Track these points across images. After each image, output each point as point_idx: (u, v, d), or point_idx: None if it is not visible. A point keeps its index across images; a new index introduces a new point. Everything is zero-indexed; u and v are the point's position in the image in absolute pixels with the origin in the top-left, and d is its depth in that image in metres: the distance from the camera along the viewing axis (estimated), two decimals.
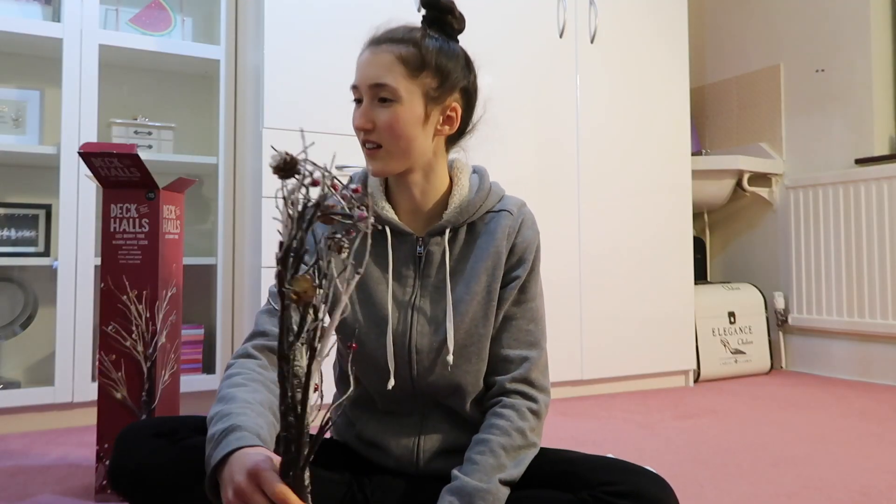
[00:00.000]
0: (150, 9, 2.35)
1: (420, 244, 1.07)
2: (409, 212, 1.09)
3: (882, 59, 2.91)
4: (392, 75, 1.00)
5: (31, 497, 1.45)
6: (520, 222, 1.10)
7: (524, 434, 1.01)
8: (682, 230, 2.78)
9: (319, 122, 2.11)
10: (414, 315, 1.05)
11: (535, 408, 1.04)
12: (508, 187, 2.41)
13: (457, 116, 1.07)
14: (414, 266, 1.07)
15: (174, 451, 0.98)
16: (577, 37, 2.60)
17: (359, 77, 1.02)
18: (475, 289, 1.05)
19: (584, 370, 2.54)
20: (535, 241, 1.10)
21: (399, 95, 1.00)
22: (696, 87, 3.56)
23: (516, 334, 1.06)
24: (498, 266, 1.06)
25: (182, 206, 1.64)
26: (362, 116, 1.00)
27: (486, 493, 0.92)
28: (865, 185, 2.81)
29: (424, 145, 1.04)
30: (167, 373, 1.54)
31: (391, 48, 1.01)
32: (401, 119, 1.00)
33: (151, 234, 1.52)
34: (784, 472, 1.61)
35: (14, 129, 2.22)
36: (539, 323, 1.09)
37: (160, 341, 1.52)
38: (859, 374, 2.87)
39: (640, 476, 0.95)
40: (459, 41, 1.10)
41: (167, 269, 1.56)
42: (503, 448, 0.98)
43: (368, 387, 1.07)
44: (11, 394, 2.01)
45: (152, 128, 2.30)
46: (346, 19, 2.18)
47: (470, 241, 1.08)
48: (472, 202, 1.08)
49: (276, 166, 0.66)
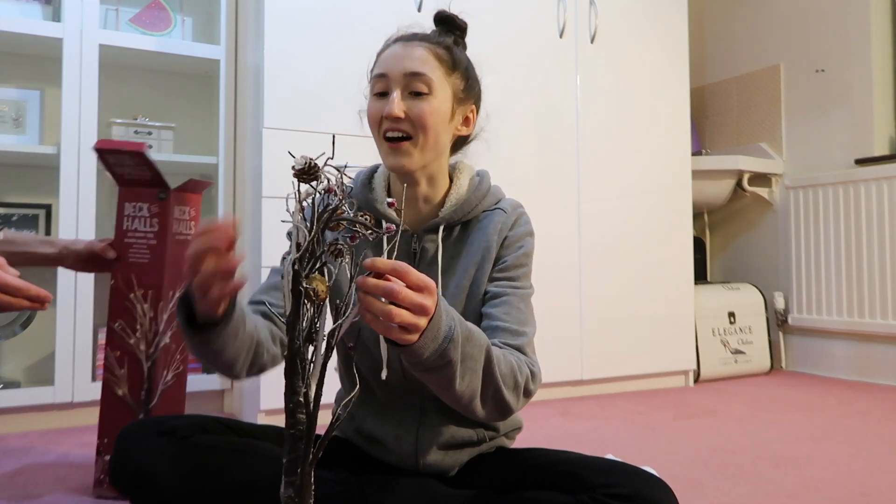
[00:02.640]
0: (150, 9, 2.35)
1: (415, 241, 1.08)
2: (411, 207, 1.10)
3: (882, 59, 2.91)
4: (430, 68, 1.02)
5: (31, 497, 1.45)
6: (513, 219, 1.10)
7: (516, 372, 0.94)
8: (682, 230, 2.78)
9: (319, 122, 2.11)
10: None
11: (533, 370, 0.99)
12: (508, 187, 2.41)
13: (473, 118, 1.11)
14: (409, 262, 1.08)
15: (175, 451, 0.98)
16: (577, 37, 2.60)
17: (390, 66, 1.02)
18: (464, 284, 1.06)
19: (584, 370, 2.54)
20: (527, 237, 1.11)
21: (434, 88, 1.01)
22: (696, 87, 3.56)
23: (508, 310, 1.04)
24: (487, 259, 1.07)
25: (199, 207, 1.63)
26: (396, 105, 1.00)
27: (467, 330, 0.86)
28: (865, 185, 2.81)
29: (445, 142, 1.07)
30: (171, 373, 1.54)
31: (426, 45, 1.03)
32: (435, 112, 1.02)
33: (160, 235, 1.52)
34: (784, 472, 1.61)
35: (14, 129, 2.22)
36: (529, 310, 1.07)
37: (163, 341, 1.51)
38: (859, 374, 2.87)
39: (640, 478, 0.95)
40: None
41: (176, 269, 1.55)
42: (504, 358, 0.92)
43: (366, 375, 1.08)
44: (11, 394, 2.01)
45: (152, 128, 2.30)
46: (347, 19, 2.18)
47: (463, 239, 1.10)
48: (469, 201, 1.09)
49: (300, 170, 0.67)
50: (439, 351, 0.81)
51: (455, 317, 0.84)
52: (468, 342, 0.85)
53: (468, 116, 1.09)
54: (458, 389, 0.86)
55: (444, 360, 0.82)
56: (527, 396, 0.98)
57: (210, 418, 1.13)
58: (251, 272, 2.15)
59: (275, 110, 2.08)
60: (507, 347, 0.99)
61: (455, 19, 1.10)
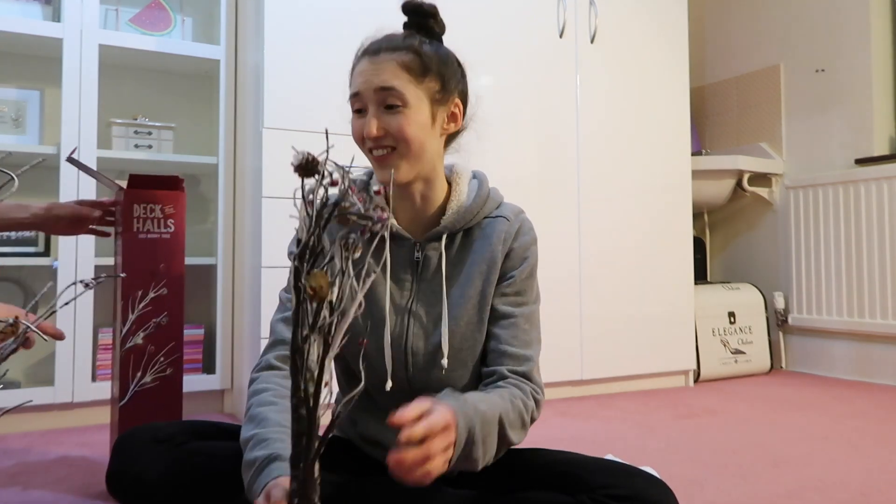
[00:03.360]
0: (150, 9, 2.35)
1: (418, 249, 1.08)
2: (409, 217, 1.09)
3: (882, 59, 2.91)
4: (399, 80, 1.00)
5: (31, 497, 1.45)
6: (516, 228, 1.10)
7: (523, 414, 1.00)
8: (682, 230, 2.78)
9: (320, 122, 2.11)
10: (410, 319, 1.06)
11: (538, 398, 1.04)
12: (508, 187, 2.41)
13: (460, 113, 1.09)
14: (412, 270, 1.08)
15: (172, 457, 0.98)
16: (577, 37, 2.60)
17: (361, 84, 1.01)
18: (469, 293, 1.06)
19: (584, 370, 2.54)
20: (532, 246, 1.10)
21: (407, 100, 1.00)
22: (696, 87, 3.56)
23: (515, 332, 1.06)
24: (493, 271, 1.06)
25: (179, 204, 1.59)
26: (373, 124, 0.99)
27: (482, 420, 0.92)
28: (865, 185, 2.81)
29: (434, 148, 1.05)
30: (149, 375, 1.52)
31: (392, 56, 1.01)
32: (412, 123, 1.00)
33: (124, 234, 1.53)
34: (784, 472, 1.61)
35: (14, 129, 2.22)
36: (535, 328, 1.09)
37: (131, 342, 1.50)
38: (859, 374, 2.87)
39: (639, 479, 0.95)
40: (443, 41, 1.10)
41: (144, 268, 1.54)
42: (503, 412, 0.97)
43: (368, 386, 1.07)
44: (11, 394, 2.01)
45: (152, 128, 2.30)
46: (347, 19, 2.18)
47: (466, 246, 1.09)
48: (470, 208, 1.08)
49: (298, 165, 0.67)
50: (464, 457, 0.89)
51: (472, 416, 0.89)
52: (484, 429, 0.91)
53: (454, 112, 1.07)
54: (482, 465, 0.94)
55: (469, 460, 0.90)
56: (530, 425, 1.04)
57: (207, 423, 1.13)
58: (251, 272, 2.15)
59: (275, 110, 2.08)
60: (513, 376, 1.02)
61: (422, 6, 1.06)
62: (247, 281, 2.20)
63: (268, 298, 2.03)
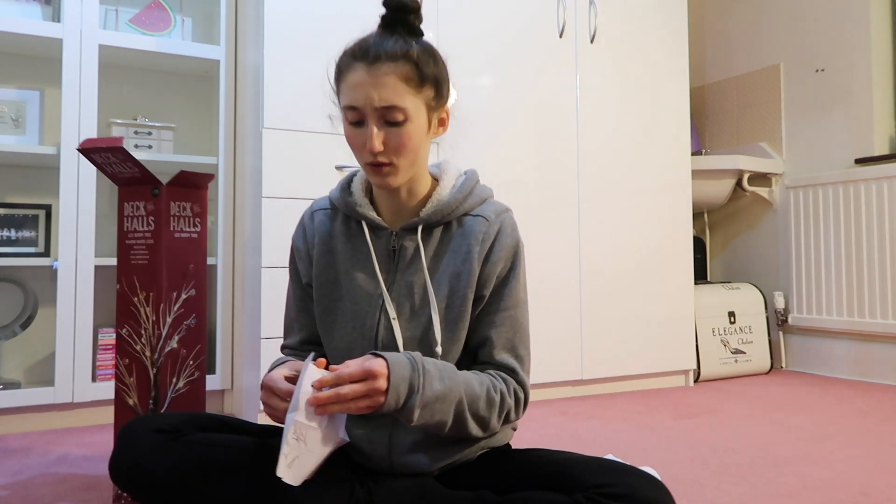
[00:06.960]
0: (150, 9, 2.35)
1: (394, 238, 1.09)
2: (392, 209, 1.11)
3: (882, 59, 2.91)
4: (401, 97, 0.99)
5: (31, 497, 1.45)
6: (496, 229, 1.09)
7: (493, 397, 1.03)
8: (682, 230, 2.78)
9: (319, 122, 2.11)
10: (383, 308, 1.06)
11: (519, 396, 1.07)
12: (508, 187, 2.42)
13: (448, 117, 1.10)
14: (389, 260, 1.09)
15: (174, 447, 0.99)
16: (577, 37, 2.60)
17: (360, 98, 0.99)
18: (444, 292, 1.06)
19: (584, 370, 2.54)
20: (514, 248, 1.10)
21: (409, 115, 1.00)
22: (696, 87, 3.56)
23: (500, 341, 1.07)
24: (469, 270, 1.06)
25: (204, 202, 1.54)
26: (377, 140, 0.99)
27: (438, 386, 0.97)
28: (865, 184, 2.81)
29: (426, 150, 1.07)
30: (182, 380, 1.46)
31: (391, 68, 0.99)
32: (413, 137, 1.01)
33: (157, 233, 1.45)
34: (784, 472, 1.61)
35: (14, 129, 2.22)
36: (521, 332, 1.10)
37: (168, 346, 1.44)
38: (859, 374, 2.87)
39: (635, 478, 0.95)
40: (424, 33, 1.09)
41: (178, 269, 1.48)
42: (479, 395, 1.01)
43: None
44: (11, 394, 2.01)
45: (152, 128, 2.30)
46: (347, 19, 2.18)
47: (444, 242, 1.09)
48: (448, 203, 1.09)
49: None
50: (406, 413, 0.94)
51: (415, 372, 0.94)
52: (432, 388, 0.95)
53: (443, 117, 1.08)
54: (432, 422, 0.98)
55: (409, 418, 0.95)
56: (508, 422, 1.08)
57: (210, 416, 1.13)
58: (251, 272, 2.15)
59: (275, 110, 2.08)
60: (499, 374, 1.06)
61: (406, 3, 1.04)
62: (247, 281, 2.20)
63: (268, 299, 2.03)
